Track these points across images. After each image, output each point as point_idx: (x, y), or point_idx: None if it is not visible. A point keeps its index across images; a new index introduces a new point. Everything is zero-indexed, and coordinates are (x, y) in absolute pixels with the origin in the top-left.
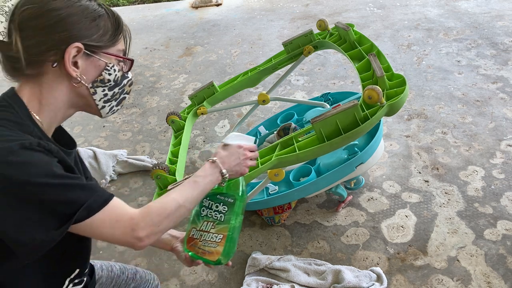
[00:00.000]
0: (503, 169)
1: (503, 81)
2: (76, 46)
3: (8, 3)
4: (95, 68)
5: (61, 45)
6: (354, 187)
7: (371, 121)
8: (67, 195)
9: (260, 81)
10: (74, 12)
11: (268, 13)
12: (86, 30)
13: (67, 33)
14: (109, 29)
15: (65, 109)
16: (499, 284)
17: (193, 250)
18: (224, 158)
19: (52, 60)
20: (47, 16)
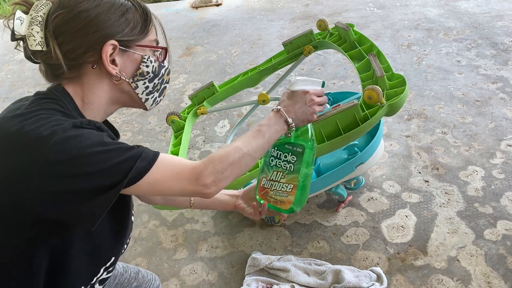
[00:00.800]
0: (503, 169)
1: (503, 81)
2: (111, 43)
3: (40, 12)
4: (133, 62)
5: (97, 45)
6: (354, 187)
7: (371, 121)
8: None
9: (260, 81)
10: (102, 11)
11: (268, 13)
12: (117, 26)
13: (100, 32)
14: (138, 21)
15: (108, 106)
16: (499, 284)
17: (265, 199)
18: (289, 106)
19: (91, 61)
20: (78, 19)
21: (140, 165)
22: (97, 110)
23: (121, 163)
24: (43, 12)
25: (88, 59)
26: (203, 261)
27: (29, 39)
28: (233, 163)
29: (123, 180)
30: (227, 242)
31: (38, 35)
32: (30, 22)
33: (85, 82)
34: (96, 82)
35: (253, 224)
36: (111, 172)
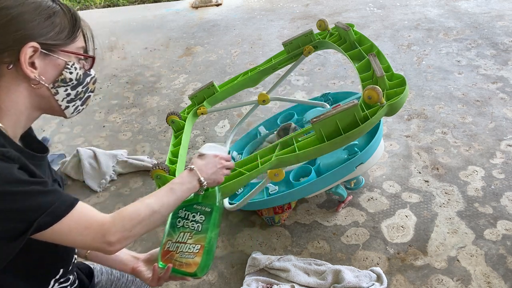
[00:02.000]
0: (503, 169)
1: (503, 81)
2: (32, 45)
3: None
4: (55, 67)
5: (15, 45)
6: (354, 187)
7: (371, 121)
8: (28, 201)
9: (260, 81)
10: (26, 10)
11: (268, 13)
12: (41, 28)
13: (20, 32)
14: (66, 26)
15: (28, 112)
16: (499, 284)
17: (170, 263)
18: (202, 166)
19: (7, 61)
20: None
21: (43, 221)
22: (17, 116)
23: (26, 212)
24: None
25: (4, 59)
26: None
27: None
28: (142, 221)
29: (26, 232)
30: (227, 242)
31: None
32: None
33: (1, 85)
34: (12, 85)
35: (253, 224)
36: (14, 218)
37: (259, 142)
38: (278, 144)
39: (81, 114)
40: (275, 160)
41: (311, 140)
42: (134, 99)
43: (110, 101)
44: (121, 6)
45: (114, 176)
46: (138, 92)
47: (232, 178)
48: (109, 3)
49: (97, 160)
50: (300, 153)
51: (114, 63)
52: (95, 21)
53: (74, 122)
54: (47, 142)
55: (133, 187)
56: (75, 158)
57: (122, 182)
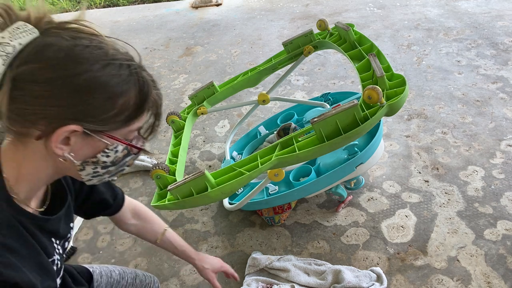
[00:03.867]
0: (503, 169)
1: (503, 81)
2: (74, 129)
3: (15, 41)
4: (91, 148)
5: (54, 120)
6: (354, 187)
7: (371, 121)
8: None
9: (260, 81)
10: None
11: (268, 13)
12: (94, 109)
13: (68, 109)
14: (127, 108)
15: (49, 178)
16: (499, 284)
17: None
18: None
19: (41, 129)
20: (52, 84)
21: None
22: (35, 183)
23: None
24: (20, 41)
25: (38, 126)
26: None
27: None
28: None
29: None
30: (227, 242)
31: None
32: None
33: (28, 147)
34: (40, 153)
35: (253, 224)
36: None
37: (259, 142)
38: (278, 144)
39: None
40: (275, 160)
41: (311, 140)
42: None
43: None
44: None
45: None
46: None
47: (232, 178)
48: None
49: None
50: (300, 153)
51: None
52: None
53: None
54: None
55: (133, 187)
56: None
57: (122, 182)
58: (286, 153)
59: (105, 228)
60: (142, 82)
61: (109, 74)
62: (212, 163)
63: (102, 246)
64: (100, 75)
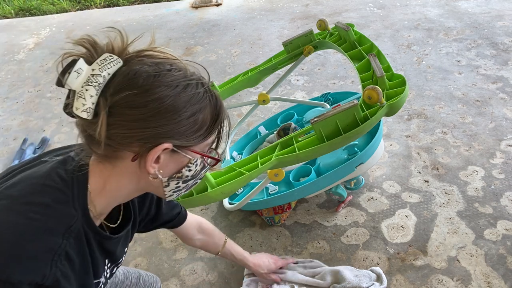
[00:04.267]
0: (503, 169)
1: (503, 81)
2: (166, 147)
3: (105, 71)
4: (177, 164)
5: (149, 140)
6: (354, 187)
7: (371, 121)
8: None
9: (260, 81)
10: (177, 105)
11: (268, 13)
12: (181, 126)
13: (161, 129)
14: (205, 123)
15: (129, 195)
16: (499, 284)
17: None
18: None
19: (134, 151)
20: (146, 107)
21: None
22: (114, 199)
23: None
24: (108, 72)
25: (132, 148)
26: (203, 261)
27: (78, 100)
28: None
29: None
30: None
31: (90, 100)
32: (87, 79)
33: (117, 166)
34: (128, 172)
35: (253, 224)
36: None
37: (259, 142)
38: (278, 144)
39: None
40: (275, 160)
41: (311, 140)
42: None
43: None
44: (121, 6)
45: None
46: None
47: (232, 178)
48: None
49: None
50: (300, 153)
51: None
52: (95, 21)
53: (74, 122)
54: (47, 142)
55: None
56: None
57: None
58: (286, 153)
59: None
60: (215, 98)
61: (190, 93)
62: None
63: None
64: (184, 95)
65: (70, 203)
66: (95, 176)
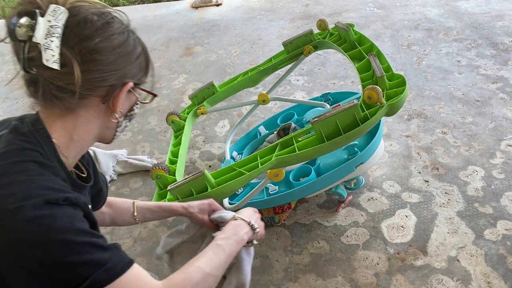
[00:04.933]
0: (503, 169)
1: (503, 81)
2: (131, 85)
3: (60, 22)
4: (130, 103)
5: (116, 81)
6: (354, 187)
7: (371, 121)
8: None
9: (260, 81)
10: (128, 50)
11: (268, 13)
12: (134, 67)
13: (123, 70)
14: (144, 65)
15: (90, 142)
16: (499, 284)
17: None
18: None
19: (101, 95)
20: (112, 52)
21: (100, 277)
22: (82, 148)
23: (83, 266)
24: (62, 23)
25: (99, 93)
26: None
27: (46, 52)
28: (196, 286)
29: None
30: None
31: (57, 50)
32: (48, 31)
33: (81, 115)
34: (92, 117)
35: None
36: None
37: (259, 142)
38: (278, 144)
39: None
40: (275, 160)
41: (311, 140)
42: None
43: None
44: (121, 6)
45: (114, 176)
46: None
47: (232, 178)
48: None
49: (97, 160)
50: (300, 153)
51: None
52: None
53: None
54: None
55: (133, 187)
56: None
57: (122, 182)
58: (286, 153)
59: (105, 228)
60: (143, 43)
61: (132, 38)
62: (212, 163)
63: None
64: (131, 40)
65: (49, 158)
66: (57, 131)
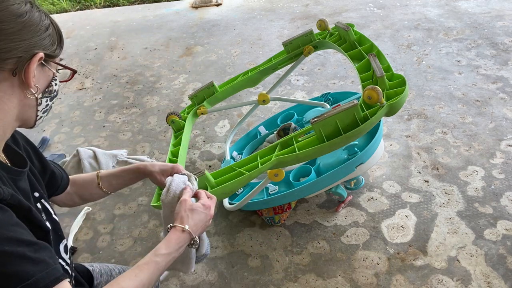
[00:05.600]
0: (503, 169)
1: (503, 81)
2: (41, 55)
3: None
4: (46, 78)
5: (25, 53)
6: (354, 187)
7: (371, 121)
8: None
9: (260, 81)
10: (34, 20)
11: (268, 13)
12: (43, 39)
13: (31, 40)
14: (55, 39)
15: (12, 124)
16: (499, 284)
17: None
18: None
19: (10, 69)
20: (13, 22)
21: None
22: (3, 129)
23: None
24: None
25: (8, 65)
26: (203, 261)
27: None
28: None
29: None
30: (227, 242)
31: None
32: None
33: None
34: (6, 95)
35: (253, 224)
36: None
37: (259, 142)
38: (278, 144)
39: (81, 113)
40: (275, 160)
41: (311, 140)
42: (134, 99)
43: (110, 101)
44: (121, 6)
45: None
46: (138, 92)
47: (232, 178)
48: (109, 3)
49: (97, 160)
50: (300, 153)
51: (114, 63)
52: (95, 21)
53: (74, 122)
54: (47, 142)
55: (133, 187)
56: (75, 158)
57: None
58: (286, 153)
59: (105, 228)
60: (52, 18)
61: (36, 10)
62: (212, 163)
63: (102, 246)
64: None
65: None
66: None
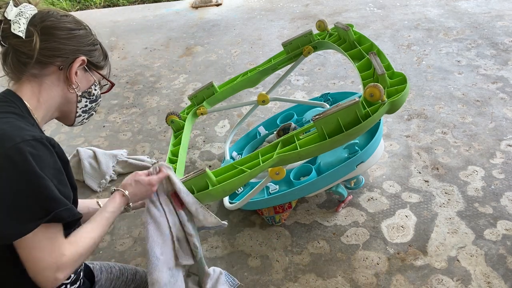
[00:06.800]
0: (503, 169)
1: (503, 81)
2: (83, 59)
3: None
4: (87, 81)
5: (71, 54)
6: (354, 186)
7: (373, 118)
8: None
9: (260, 81)
10: (82, 34)
11: (268, 13)
12: (89, 50)
13: (77, 46)
14: (101, 55)
15: (54, 110)
16: (499, 284)
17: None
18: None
19: (59, 65)
20: (65, 30)
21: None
22: (47, 111)
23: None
24: (30, 13)
25: (57, 62)
26: None
27: (14, 24)
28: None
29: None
30: (227, 242)
31: (23, 25)
32: (18, 13)
33: (44, 82)
34: (54, 85)
35: (253, 224)
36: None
37: (259, 142)
38: (279, 142)
39: None
40: (277, 158)
41: (312, 138)
42: (134, 99)
43: (110, 101)
44: (121, 6)
45: (114, 176)
46: (138, 92)
47: (233, 176)
48: (109, 3)
49: (97, 160)
50: (302, 150)
51: (114, 63)
52: (95, 21)
53: None
54: None
55: None
56: (75, 158)
57: None
58: (287, 151)
59: None
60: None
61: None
62: (212, 163)
63: (102, 246)
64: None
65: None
66: (27, 95)
